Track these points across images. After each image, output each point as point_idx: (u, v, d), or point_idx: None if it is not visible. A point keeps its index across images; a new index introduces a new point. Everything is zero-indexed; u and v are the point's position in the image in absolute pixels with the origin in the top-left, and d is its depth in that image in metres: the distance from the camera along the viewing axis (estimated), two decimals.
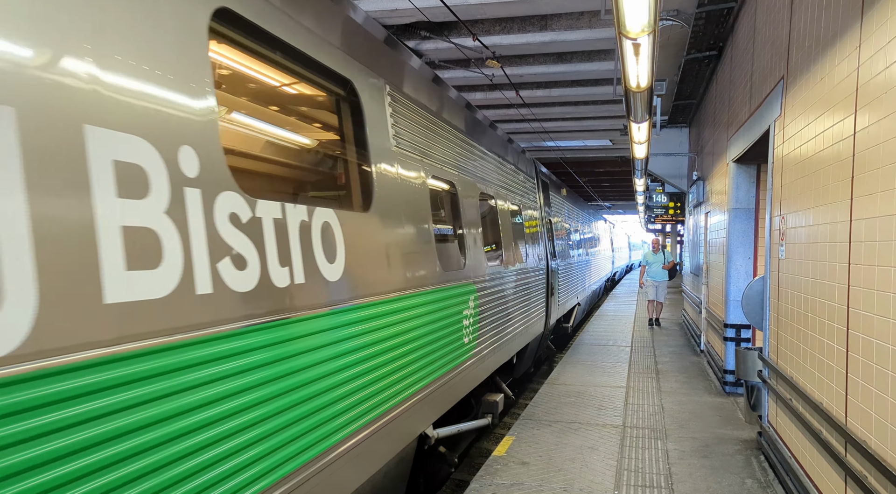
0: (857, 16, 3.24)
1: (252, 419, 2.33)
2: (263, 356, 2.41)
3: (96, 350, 1.71)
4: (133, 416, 1.81)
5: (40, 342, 1.57)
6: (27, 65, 1.60)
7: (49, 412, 1.58)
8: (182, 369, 2.00)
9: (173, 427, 1.95)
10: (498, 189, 6.96)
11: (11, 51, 1.56)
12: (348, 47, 3.38)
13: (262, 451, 2.38)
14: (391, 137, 3.85)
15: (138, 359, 1.84)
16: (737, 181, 7.40)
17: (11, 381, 1.49)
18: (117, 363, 1.77)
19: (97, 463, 1.69)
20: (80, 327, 1.67)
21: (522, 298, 7.65)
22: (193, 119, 2.16)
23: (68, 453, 1.62)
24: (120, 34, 1.88)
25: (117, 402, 1.77)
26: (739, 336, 7.47)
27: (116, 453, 1.75)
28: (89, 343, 1.69)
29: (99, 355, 1.72)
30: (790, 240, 4.61)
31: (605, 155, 21.28)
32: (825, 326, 3.73)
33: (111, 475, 1.73)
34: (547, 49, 10.43)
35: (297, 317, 2.66)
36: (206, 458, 2.08)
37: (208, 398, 2.11)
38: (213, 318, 2.16)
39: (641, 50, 4.73)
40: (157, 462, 1.88)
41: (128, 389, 1.80)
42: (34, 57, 1.61)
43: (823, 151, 3.78)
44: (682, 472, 5.02)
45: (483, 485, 4.71)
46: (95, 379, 1.70)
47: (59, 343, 1.61)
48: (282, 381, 2.53)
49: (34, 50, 1.62)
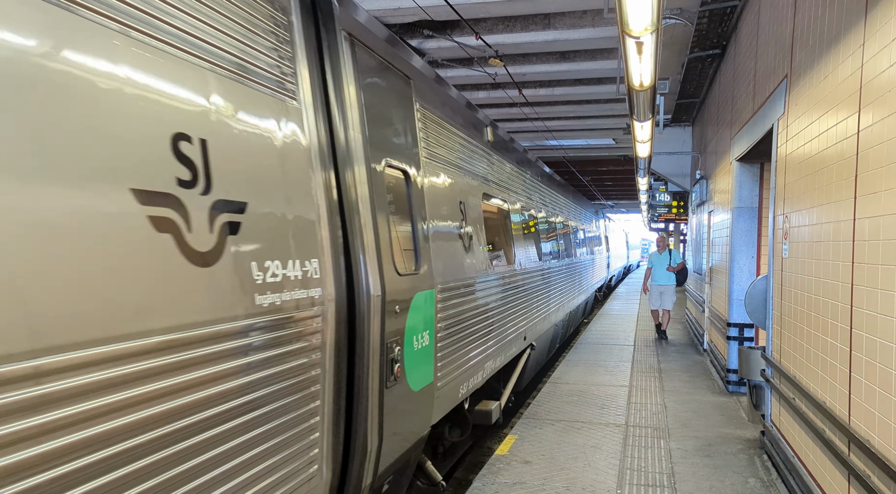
0: (860, 14, 3.23)
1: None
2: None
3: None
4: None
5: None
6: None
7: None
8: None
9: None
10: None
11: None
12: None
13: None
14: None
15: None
16: (740, 180, 7.39)
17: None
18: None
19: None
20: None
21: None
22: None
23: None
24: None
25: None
26: (742, 335, 7.46)
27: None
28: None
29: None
30: (793, 239, 4.60)
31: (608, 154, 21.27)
32: (829, 325, 3.72)
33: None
34: (550, 48, 10.42)
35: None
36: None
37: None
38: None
39: (644, 48, 4.72)
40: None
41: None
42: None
43: (827, 149, 3.77)
44: (685, 471, 5.01)
45: (486, 484, 4.71)
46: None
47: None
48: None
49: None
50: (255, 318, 2.20)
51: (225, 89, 2.16)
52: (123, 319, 1.66)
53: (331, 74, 2.93)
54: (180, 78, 1.95)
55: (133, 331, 1.69)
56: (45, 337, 1.47)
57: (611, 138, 18.46)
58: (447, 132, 4.66)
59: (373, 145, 3.20)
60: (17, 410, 1.40)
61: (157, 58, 1.87)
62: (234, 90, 2.22)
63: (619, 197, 36.32)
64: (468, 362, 4.71)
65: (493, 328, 5.58)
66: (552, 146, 19.23)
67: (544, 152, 20.44)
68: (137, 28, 1.80)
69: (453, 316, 4.35)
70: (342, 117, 2.94)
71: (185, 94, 1.96)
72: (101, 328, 1.60)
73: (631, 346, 10.97)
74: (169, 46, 1.92)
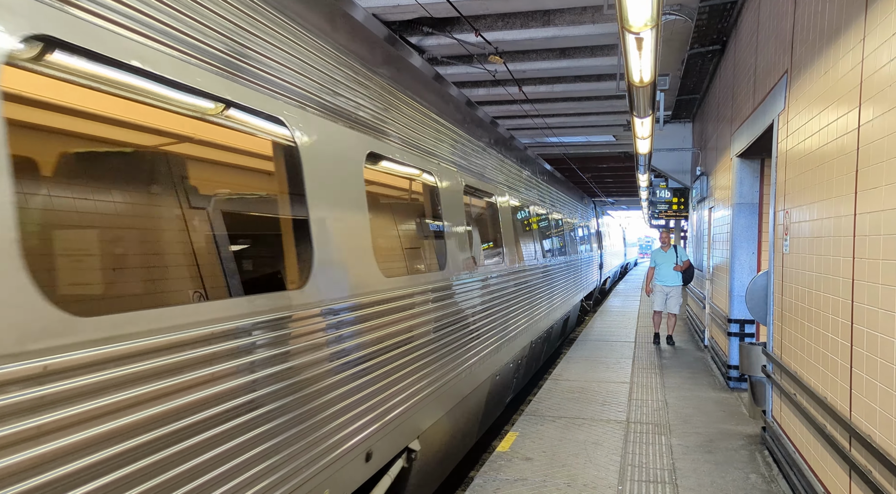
0: (861, 8, 3.22)
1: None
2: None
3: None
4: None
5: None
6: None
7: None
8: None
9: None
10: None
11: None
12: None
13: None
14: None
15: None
16: (740, 176, 7.38)
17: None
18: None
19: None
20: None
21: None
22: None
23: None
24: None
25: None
26: (743, 331, 7.46)
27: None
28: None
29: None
30: (794, 235, 4.59)
31: (608, 151, 21.24)
32: (829, 320, 3.72)
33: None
34: (550, 44, 10.40)
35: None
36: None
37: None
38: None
39: (644, 44, 4.71)
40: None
41: None
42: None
43: (827, 145, 3.77)
44: (686, 467, 5.02)
45: (487, 481, 4.72)
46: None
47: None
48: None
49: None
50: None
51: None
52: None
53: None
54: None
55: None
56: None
57: (611, 135, 18.43)
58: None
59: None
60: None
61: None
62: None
63: (619, 194, 36.27)
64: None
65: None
66: (552, 143, 19.21)
67: (544, 149, 20.42)
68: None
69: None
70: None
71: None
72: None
73: (632, 342, 10.97)
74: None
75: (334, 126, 3.21)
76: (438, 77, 5.09)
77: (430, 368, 4.25)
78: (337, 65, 3.28)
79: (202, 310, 2.23)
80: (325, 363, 2.94)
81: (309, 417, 2.79)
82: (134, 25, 2.02)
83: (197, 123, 2.66)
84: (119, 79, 2.06)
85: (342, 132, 3.28)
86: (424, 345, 4.19)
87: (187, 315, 2.15)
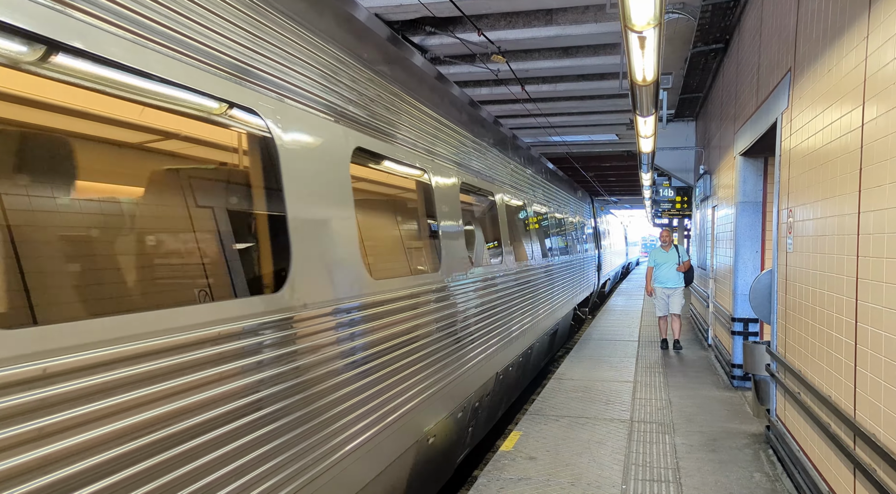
0: (864, 6, 3.21)
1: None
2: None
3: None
4: None
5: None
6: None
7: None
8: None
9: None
10: None
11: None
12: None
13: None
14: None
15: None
16: (744, 175, 7.37)
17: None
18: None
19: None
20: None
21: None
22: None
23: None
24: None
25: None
26: (747, 330, 7.44)
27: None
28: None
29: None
30: (798, 233, 4.58)
31: (611, 150, 21.23)
32: (833, 319, 3.71)
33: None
34: (552, 43, 10.40)
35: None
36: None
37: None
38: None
39: (647, 43, 4.71)
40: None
41: None
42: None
43: (831, 143, 3.76)
44: (690, 466, 5.01)
45: (490, 480, 4.72)
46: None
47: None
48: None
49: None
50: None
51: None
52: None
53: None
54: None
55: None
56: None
57: (614, 134, 18.42)
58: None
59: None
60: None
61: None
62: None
63: (622, 193, 36.26)
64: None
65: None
66: (555, 142, 19.21)
67: (547, 149, 20.42)
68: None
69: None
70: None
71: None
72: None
73: (635, 342, 10.96)
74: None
75: (316, 119, 2.95)
76: (441, 76, 5.00)
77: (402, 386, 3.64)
78: (322, 55, 3.05)
79: (162, 318, 2.00)
80: (299, 374, 2.67)
81: (273, 438, 2.49)
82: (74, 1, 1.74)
83: (161, 115, 2.33)
84: (55, 61, 1.78)
85: (326, 126, 3.03)
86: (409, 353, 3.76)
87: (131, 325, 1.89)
